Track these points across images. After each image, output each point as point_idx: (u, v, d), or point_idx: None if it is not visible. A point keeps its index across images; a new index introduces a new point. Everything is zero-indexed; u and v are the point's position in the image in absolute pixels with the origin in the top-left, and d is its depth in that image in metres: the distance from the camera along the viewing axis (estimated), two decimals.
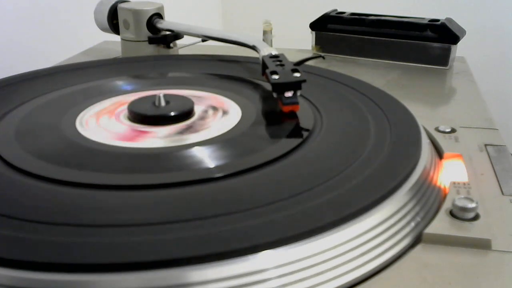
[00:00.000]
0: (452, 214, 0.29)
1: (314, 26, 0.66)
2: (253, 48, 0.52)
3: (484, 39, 1.10)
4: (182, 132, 0.37)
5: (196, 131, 0.37)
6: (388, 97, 0.43)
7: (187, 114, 0.39)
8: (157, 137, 0.36)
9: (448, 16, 0.61)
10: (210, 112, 0.41)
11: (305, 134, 0.36)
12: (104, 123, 0.39)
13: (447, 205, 0.30)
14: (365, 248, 0.26)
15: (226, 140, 0.36)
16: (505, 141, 0.40)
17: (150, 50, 0.61)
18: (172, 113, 0.39)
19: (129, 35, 0.61)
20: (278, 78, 0.39)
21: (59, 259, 0.23)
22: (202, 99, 0.43)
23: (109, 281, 0.22)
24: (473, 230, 0.28)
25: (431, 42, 0.59)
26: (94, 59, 0.59)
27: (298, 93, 0.39)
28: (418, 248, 0.27)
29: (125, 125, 0.38)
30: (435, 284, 0.25)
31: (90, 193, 0.29)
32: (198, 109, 0.41)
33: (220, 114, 0.40)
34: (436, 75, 0.58)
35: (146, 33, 0.60)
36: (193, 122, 0.39)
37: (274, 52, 0.47)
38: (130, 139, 0.36)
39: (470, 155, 0.37)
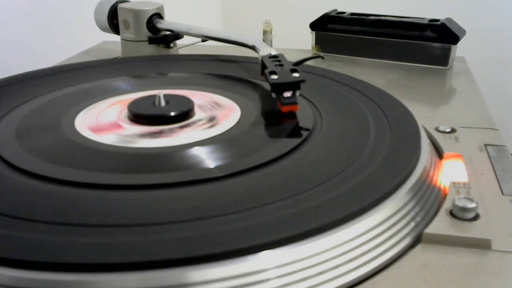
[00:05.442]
0: (452, 214, 0.29)
1: (314, 26, 0.66)
2: (252, 48, 0.52)
3: (484, 39, 1.10)
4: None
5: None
6: (388, 97, 0.43)
7: (187, 114, 0.39)
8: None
9: (448, 16, 0.61)
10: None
11: (305, 134, 0.36)
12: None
13: (447, 205, 0.30)
14: (365, 248, 0.26)
15: (226, 140, 0.36)
16: (505, 141, 0.40)
17: (150, 50, 0.61)
18: (172, 113, 0.39)
19: (129, 35, 0.61)
20: (277, 78, 0.39)
21: (59, 259, 0.23)
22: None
23: (109, 281, 0.22)
24: (473, 230, 0.28)
25: (431, 42, 0.59)
26: (94, 59, 0.59)
27: (297, 93, 0.39)
28: (418, 248, 0.27)
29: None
30: (435, 284, 0.25)
31: (90, 193, 0.29)
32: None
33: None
34: (436, 75, 0.58)
35: (146, 33, 0.60)
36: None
37: (273, 52, 0.47)
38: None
39: (470, 155, 0.37)
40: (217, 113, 0.40)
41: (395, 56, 0.62)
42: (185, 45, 0.64)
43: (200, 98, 0.43)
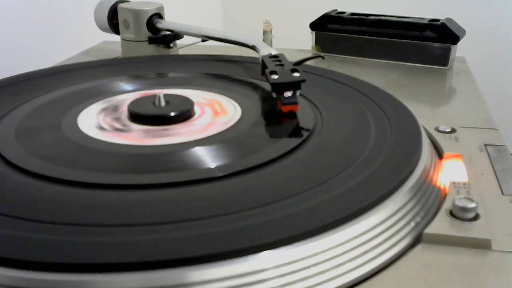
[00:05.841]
0: (452, 214, 0.29)
1: (314, 26, 0.66)
2: (252, 48, 0.52)
3: (484, 39, 1.10)
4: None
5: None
6: (388, 97, 0.43)
7: (187, 114, 0.39)
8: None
9: (448, 16, 0.61)
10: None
11: (305, 134, 0.36)
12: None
13: (447, 205, 0.30)
14: (365, 248, 0.26)
15: (226, 140, 0.36)
16: (505, 141, 0.40)
17: (150, 50, 0.61)
18: (172, 113, 0.39)
19: (129, 35, 0.61)
20: (277, 78, 0.39)
21: (59, 259, 0.23)
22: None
23: (109, 281, 0.22)
24: (473, 230, 0.28)
25: (431, 42, 0.59)
26: (94, 59, 0.59)
27: (298, 93, 0.39)
28: (418, 248, 0.27)
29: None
30: (435, 284, 0.25)
31: (90, 192, 0.29)
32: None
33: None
34: (436, 75, 0.58)
35: (146, 33, 0.60)
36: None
37: (273, 52, 0.47)
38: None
39: (470, 155, 0.37)
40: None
41: (395, 56, 0.62)
42: (185, 45, 0.64)
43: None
